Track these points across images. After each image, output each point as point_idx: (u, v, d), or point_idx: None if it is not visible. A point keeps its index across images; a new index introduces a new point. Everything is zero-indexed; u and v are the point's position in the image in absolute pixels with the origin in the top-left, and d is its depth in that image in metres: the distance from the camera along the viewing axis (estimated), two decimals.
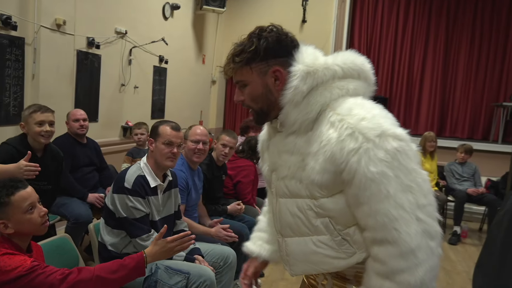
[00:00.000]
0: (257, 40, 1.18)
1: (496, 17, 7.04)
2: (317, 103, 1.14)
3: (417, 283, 1.03)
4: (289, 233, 1.24)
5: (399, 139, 1.07)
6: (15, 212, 1.48)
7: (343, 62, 1.17)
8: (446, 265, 4.03)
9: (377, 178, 1.04)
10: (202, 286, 1.98)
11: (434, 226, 1.07)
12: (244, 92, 1.23)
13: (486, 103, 7.26)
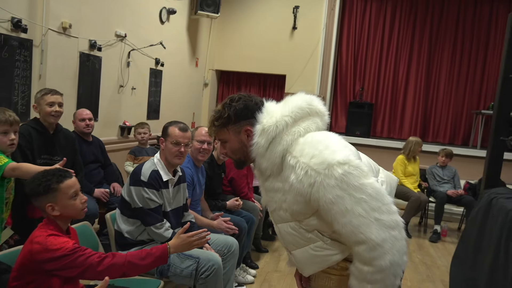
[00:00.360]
0: (228, 108, 1.49)
1: (477, 30, 7.43)
2: (277, 152, 1.42)
3: (387, 264, 1.33)
4: (292, 247, 1.56)
5: (343, 164, 1.33)
6: (62, 197, 1.70)
7: (291, 111, 1.46)
8: (427, 260, 4.32)
9: (335, 201, 1.32)
10: (211, 269, 2.20)
11: (391, 219, 1.34)
12: (225, 146, 1.55)
13: (466, 110, 7.64)
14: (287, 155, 1.42)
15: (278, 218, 1.53)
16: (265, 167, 1.45)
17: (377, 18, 7.85)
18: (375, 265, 1.34)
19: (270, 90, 8.41)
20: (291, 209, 1.44)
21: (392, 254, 1.33)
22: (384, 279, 1.35)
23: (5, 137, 2.19)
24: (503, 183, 4.51)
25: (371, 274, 1.35)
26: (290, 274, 3.60)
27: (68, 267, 1.64)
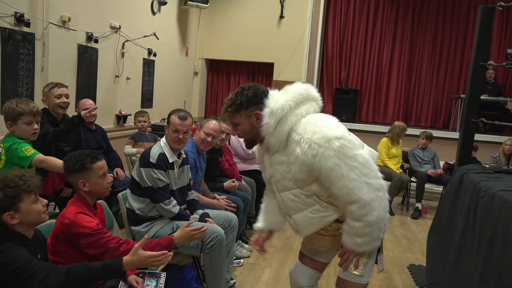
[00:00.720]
0: (240, 96, 1.76)
1: (456, 18, 7.75)
2: (284, 130, 1.71)
3: (375, 219, 1.66)
4: (293, 212, 1.86)
5: (339, 138, 1.64)
6: (93, 176, 1.95)
7: (293, 96, 1.75)
8: (408, 235, 4.67)
9: (334, 168, 1.62)
10: (215, 240, 2.47)
11: (377, 183, 1.66)
12: (237, 128, 1.83)
13: (446, 95, 8.00)
14: (292, 132, 1.71)
15: (282, 188, 1.81)
16: (273, 143, 1.74)
17: (361, 7, 8.10)
18: (365, 221, 1.65)
19: (258, 78, 8.63)
20: (295, 178, 1.73)
21: (378, 211, 1.65)
22: (372, 232, 1.68)
23: (29, 127, 2.40)
24: (479, 163, 4.86)
25: (362, 229, 1.67)
26: (283, 249, 3.91)
27: (90, 246, 1.87)
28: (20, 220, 1.55)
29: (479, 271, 2.35)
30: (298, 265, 2.09)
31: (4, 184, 1.51)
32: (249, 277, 3.23)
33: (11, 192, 1.51)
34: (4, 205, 1.51)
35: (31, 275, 1.44)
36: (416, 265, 3.75)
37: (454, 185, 3.12)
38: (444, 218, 3.21)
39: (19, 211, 1.54)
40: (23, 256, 1.47)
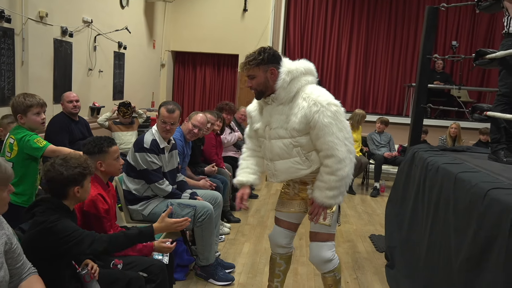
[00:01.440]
0: (263, 53, 2.12)
1: (407, 15, 8.36)
2: (294, 88, 2.12)
3: (345, 175, 2.09)
4: (277, 158, 2.22)
5: (336, 106, 2.10)
6: (109, 158, 2.25)
7: (303, 66, 2.16)
8: (369, 210, 5.18)
9: (328, 124, 2.04)
10: (206, 214, 2.81)
11: (351, 148, 2.12)
12: (252, 81, 2.16)
13: (400, 84, 8.63)
14: (300, 91, 2.11)
15: (275, 135, 2.16)
16: (282, 96, 2.11)
17: (320, 1, 8.54)
18: (338, 175, 2.07)
19: (224, 69, 8.92)
20: (291, 127, 2.10)
21: (348, 168, 2.09)
22: (341, 186, 2.10)
23: (38, 117, 2.62)
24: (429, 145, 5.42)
25: (334, 182, 2.07)
26: (258, 226, 4.29)
27: (97, 226, 2.15)
28: (80, 195, 1.86)
29: (427, 232, 2.82)
30: (275, 228, 2.47)
31: (79, 163, 1.82)
32: (231, 250, 3.60)
33: (85, 170, 1.84)
34: (78, 179, 1.82)
35: (79, 241, 1.73)
36: (376, 234, 4.25)
37: (407, 162, 3.60)
38: (399, 191, 3.69)
39: (83, 187, 1.85)
40: (71, 225, 1.76)
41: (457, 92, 7.73)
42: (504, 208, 1.85)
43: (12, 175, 1.43)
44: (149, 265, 2.06)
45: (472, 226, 2.10)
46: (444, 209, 2.57)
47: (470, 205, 2.18)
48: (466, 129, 6.80)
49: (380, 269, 3.44)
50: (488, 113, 3.00)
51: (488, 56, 3.05)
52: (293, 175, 2.22)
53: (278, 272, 2.49)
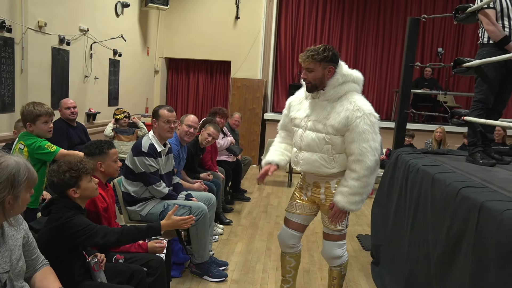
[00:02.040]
0: (328, 51, 2.30)
1: (394, 22, 8.61)
2: (343, 90, 2.31)
3: (370, 182, 2.29)
4: (307, 149, 2.37)
5: (375, 117, 2.30)
6: (108, 159, 2.41)
7: (356, 75, 2.38)
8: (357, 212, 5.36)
9: (365, 131, 2.23)
10: (201, 214, 2.97)
11: (378, 159, 2.31)
12: (309, 74, 2.32)
13: (388, 89, 8.86)
14: (348, 95, 2.31)
15: (312, 127, 2.34)
16: (330, 94, 2.31)
17: (311, 7, 8.77)
18: (363, 181, 2.25)
19: (216, 75, 9.11)
20: (330, 124, 2.27)
21: (372, 178, 2.29)
22: (363, 194, 2.29)
23: (46, 126, 2.79)
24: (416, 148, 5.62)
25: (358, 188, 2.25)
26: (251, 227, 4.46)
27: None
28: (80, 194, 2.01)
29: (409, 230, 3.00)
30: (283, 228, 2.65)
31: (69, 168, 1.97)
32: (225, 249, 3.76)
33: (75, 173, 1.97)
34: (70, 183, 1.97)
35: (93, 233, 1.91)
36: (363, 234, 4.43)
37: (391, 165, 3.80)
38: (384, 192, 3.88)
39: (80, 188, 2.00)
40: (85, 220, 1.94)
41: (443, 98, 7.97)
42: (472, 205, 2.04)
43: (37, 179, 1.58)
44: (149, 260, 2.22)
45: (446, 222, 2.28)
46: (423, 208, 2.76)
47: (444, 203, 2.36)
48: (451, 133, 7.03)
49: (366, 266, 3.61)
50: (465, 118, 3.20)
51: (465, 65, 3.26)
52: (315, 169, 2.37)
53: (289, 269, 2.69)
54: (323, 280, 3.27)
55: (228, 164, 5.08)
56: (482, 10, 3.03)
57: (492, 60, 2.88)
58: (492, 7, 3.01)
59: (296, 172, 7.04)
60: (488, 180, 2.50)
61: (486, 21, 3.01)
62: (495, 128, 4.32)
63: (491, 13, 3.00)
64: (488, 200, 1.96)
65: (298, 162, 2.44)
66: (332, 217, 2.37)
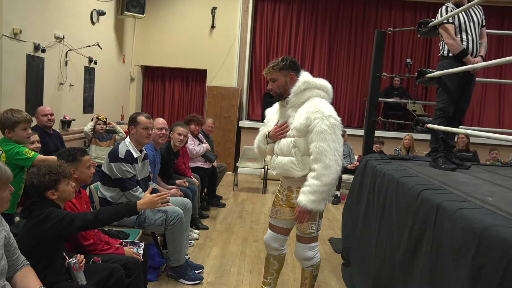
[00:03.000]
0: (286, 60, 2.51)
1: (366, 33, 8.90)
2: (305, 96, 2.47)
3: (330, 181, 2.36)
4: (280, 154, 2.54)
5: (335, 120, 2.41)
6: (81, 166, 2.46)
7: (319, 82, 2.53)
8: (329, 216, 5.53)
9: (324, 131, 2.35)
10: (177, 218, 3.04)
11: (340, 161, 2.42)
12: (273, 84, 2.51)
13: (360, 98, 9.13)
14: (310, 100, 2.46)
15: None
16: (293, 101, 2.47)
17: (285, 17, 8.98)
18: (322, 180, 2.34)
19: (192, 83, 9.19)
20: (294, 126, 2.44)
21: (333, 177, 2.36)
22: (323, 192, 2.36)
23: (25, 132, 2.82)
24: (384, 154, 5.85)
25: (318, 187, 2.34)
26: (226, 232, 4.55)
27: None
28: (58, 196, 2.10)
29: (376, 232, 3.16)
30: (268, 233, 2.77)
31: (49, 171, 2.06)
32: (200, 253, 3.83)
33: (54, 176, 2.07)
34: (48, 185, 2.06)
35: (71, 220, 2.04)
36: (335, 238, 4.58)
37: (360, 170, 3.97)
38: (354, 196, 4.04)
39: (58, 190, 2.09)
40: (64, 212, 2.06)
41: (412, 106, 8.28)
42: (431, 206, 2.20)
43: (11, 176, 1.66)
44: (126, 262, 2.29)
45: (408, 223, 2.44)
46: (389, 210, 2.91)
47: (407, 205, 2.52)
48: (420, 141, 7.30)
49: (337, 267, 3.75)
50: (428, 125, 3.40)
51: (427, 75, 3.47)
52: (286, 172, 2.52)
53: (271, 271, 2.80)
54: (295, 282, 3.39)
55: (203, 171, 5.16)
56: (442, 24, 3.25)
57: (450, 72, 3.09)
58: (451, 22, 3.22)
59: (270, 179, 7.18)
60: (447, 183, 2.68)
61: (446, 35, 3.23)
62: (455, 135, 4.55)
63: (450, 27, 3.22)
64: (444, 200, 2.13)
65: (274, 167, 2.60)
66: (296, 218, 2.49)
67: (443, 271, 1.94)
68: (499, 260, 1.50)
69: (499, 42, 8.82)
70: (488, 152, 6.80)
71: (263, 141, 2.64)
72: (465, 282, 1.66)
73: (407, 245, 2.42)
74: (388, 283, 2.73)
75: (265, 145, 2.64)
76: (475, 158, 6.19)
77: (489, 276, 1.54)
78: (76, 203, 2.44)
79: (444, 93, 3.32)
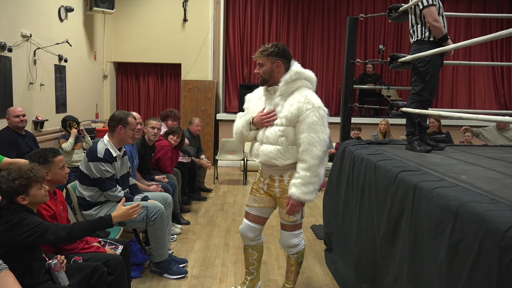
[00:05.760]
0: (275, 47, 2.50)
1: (338, 22, 8.96)
2: (295, 85, 2.49)
3: (320, 172, 2.42)
4: (266, 141, 2.52)
5: (324, 111, 2.46)
6: (54, 167, 2.39)
7: (308, 73, 2.57)
8: (310, 204, 5.58)
9: (314, 122, 2.39)
10: (158, 213, 3.02)
11: (327, 152, 2.46)
12: (260, 68, 2.51)
13: (336, 86, 9.21)
14: (300, 90, 2.49)
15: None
16: (283, 90, 2.48)
17: (257, 9, 8.96)
18: (313, 171, 2.38)
19: (167, 78, 9.08)
20: (284, 115, 2.43)
21: (323, 168, 2.43)
22: (315, 183, 2.41)
23: None
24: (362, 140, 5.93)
25: (310, 178, 2.38)
26: (208, 225, 4.54)
27: None
28: (29, 201, 2.03)
29: (357, 216, 3.21)
30: (244, 222, 2.76)
31: (19, 175, 1.98)
32: (183, 247, 3.83)
33: (25, 181, 1.99)
34: (18, 191, 1.99)
35: (44, 230, 1.94)
36: (317, 225, 4.64)
37: (339, 156, 4.01)
38: (334, 182, 4.09)
39: (28, 195, 2.02)
40: (37, 220, 1.97)
41: (387, 92, 8.41)
42: (408, 186, 2.24)
43: None
44: (108, 259, 2.27)
45: (387, 204, 2.49)
46: (368, 193, 2.96)
47: (385, 187, 2.57)
48: (396, 125, 7.42)
49: (320, 253, 3.81)
50: (403, 109, 3.46)
51: (399, 60, 3.52)
52: (270, 160, 2.51)
53: (252, 261, 2.81)
54: (280, 270, 3.42)
55: (183, 165, 5.13)
56: (427, 8, 3.20)
57: (423, 55, 3.14)
58: (433, 4, 3.19)
59: (250, 170, 7.19)
60: (423, 164, 2.74)
61: (432, 18, 3.14)
62: (428, 117, 4.62)
63: (434, 10, 3.17)
64: (421, 181, 2.17)
65: (258, 154, 2.59)
66: (289, 211, 2.51)
67: (422, 249, 1.99)
68: (475, 234, 1.55)
69: (467, 24, 9.02)
70: (462, 134, 6.96)
71: (247, 127, 2.61)
72: (444, 258, 1.71)
73: (387, 227, 2.47)
74: (370, 265, 2.79)
75: (248, 131, 2.62)
76: (448, 139, 6.33)
77: (466, 250, 1.59)
78: (52, 204, 2.38)
79: (422, 78, 3.33)
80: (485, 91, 9.14)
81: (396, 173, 2.46)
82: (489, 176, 2.41)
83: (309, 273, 3.39)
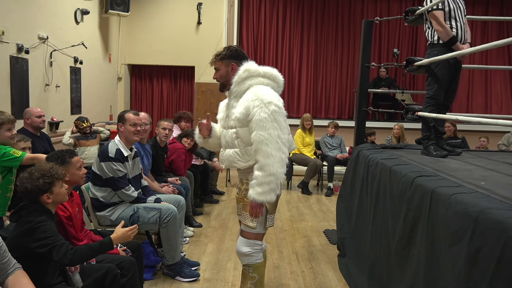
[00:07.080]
0: (228, 50, 2.43)
1: (352, 25, 8.92)
2: (246, 85, 2.36)
3: (274, 171, 2.21)
4: (226, 146, 2.46)
5: (276, 106, 2.26)
6: (72, 168, 2.41)
7: (264, 70, 2.40)
8: (323, 209, 5.54)
9: (263, 119, 2.22)
10: (170, 216, 3.02)
11: (284, 148, 2.25)
12: (216, 74, 2.45)
13: (349, 90, 9.15)
14: (251, 88, 2.35)
15: (228, 125, 2.43)
16: (235, 90, 2.38)
17: (271, 12, 8.96)
18: (266, 170, 2.20)
19: (181, 80, 9.12)
20: (235, 116, 2.34)
21: (277, 166, 2.21)
22: (270, 183, 2.21)
23: (10, 133, 2.77)
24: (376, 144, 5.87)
25: (263, 177, 2.21)
26: (220, 228, 4.53)
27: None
28: (53, 200, 2.04)
29: (371, 221, 3.16)
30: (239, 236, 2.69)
31: (42, 174, 1.99)
32: (196, 250, 3.82)
33: (48, 179, 2.01)
34: (44, 189, 2.00)
35: (53, 247, 1.91)
36: (330, 229, 4.59)
37: (353, 161, 3.97)
38: (347, 186, 4.05)
39: (53, 193, 2.03)
40: (54, 229, 1.96)
41: (401, 96, 8.31)
42: (425, 192, 2.20)
43: None
44: (121, 261, 2.27)
45: (403, 210, 2.45)
46: (383, 198, 2.92)
47: (401, 192, 2.53)
48: (410, 130, 7.34)
49: (333, 259, 3.76)
50: (419, 113, 3.41)
51: (415, 64, 3.47)
52: (231, 164, 2.44)
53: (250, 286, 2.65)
54: (292, 274, 3.39)
55: (195, 168, 5.13)
56: (432, 11, 3.24)
57: (438, 59, 3.10)
58: (440, 8, 3.22)
59: None
60: (440, 169, 2.69)
61: (436, 22, 3.21)
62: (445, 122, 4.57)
63: (439, 14, 3.21)
64: (438, 186, 2.13)
65: (223, 160, 2.51)
66: (250, 213, 2.35)
67: (439, 256, 1.95)
68: (496, 242, 1.51)
69: (484, 28, 8.89)
70: (477, 139, 6.86)
71: (200, 139, 2.64)
72: (463, 266, 1.66)
73: (402, 232, 2.43)
74: (385, 271, 2.74)
75: (201, 139, 2.63)
76: (464, 144, 6.24)
77: (486, 258, 1.54)
78: (68, 206, 2.40)
79: (435, 81, 3.33)
80: (501, 95, 8.99)
81: (413, 178, 2.42)
82: (508, 182, 2.35)
83: (322, 278, 3.35)
